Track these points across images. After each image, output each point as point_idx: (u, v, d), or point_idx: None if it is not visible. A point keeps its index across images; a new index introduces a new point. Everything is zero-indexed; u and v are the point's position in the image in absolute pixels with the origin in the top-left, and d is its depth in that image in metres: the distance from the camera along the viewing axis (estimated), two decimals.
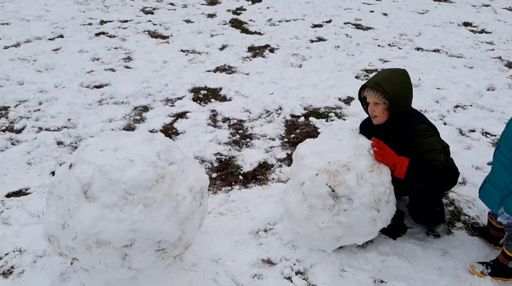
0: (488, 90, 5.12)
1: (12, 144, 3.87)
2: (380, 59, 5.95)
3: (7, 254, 2.69)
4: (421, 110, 4.59)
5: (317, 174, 2.47)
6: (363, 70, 5.60)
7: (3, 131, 4.06)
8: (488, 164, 2.55)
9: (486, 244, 2.80)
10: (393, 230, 2.93)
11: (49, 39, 6.30)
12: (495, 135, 4.14)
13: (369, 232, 2.56)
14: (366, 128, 2.89)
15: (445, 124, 4.36)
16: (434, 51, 6.36)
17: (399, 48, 6.41)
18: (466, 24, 7.63)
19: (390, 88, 2.54)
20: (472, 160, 3.70)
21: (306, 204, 2.52)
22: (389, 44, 6.55)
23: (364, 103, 2.77)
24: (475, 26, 7.53)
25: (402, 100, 2.58)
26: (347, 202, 2.43)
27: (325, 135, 2.73)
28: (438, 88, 5.11)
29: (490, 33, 7.20)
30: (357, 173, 2.43)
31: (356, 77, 5.38)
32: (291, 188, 2.67)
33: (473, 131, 4.23)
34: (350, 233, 2.53)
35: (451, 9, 8.43)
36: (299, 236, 2.72)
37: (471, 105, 4.74)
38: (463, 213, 3.11)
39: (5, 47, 5.91)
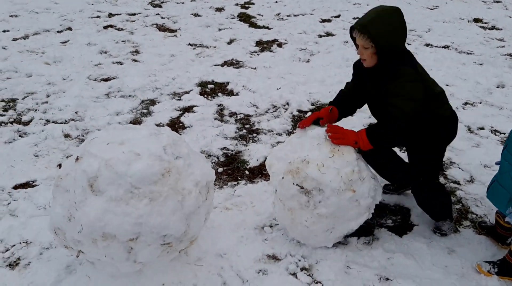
0: (498, 87, 5.07)
1: (20, 136, 3.89)
2: None
3: (13, 245, 2.71)
4: None
5: (283, 178, 2.51)
6: None
7: (11, 123, 4.08)
8: (496, 163, 2.52)
9: (493, 243, 2.78)
10: (399, 227, 2.92)
11: (58, 32, 6.31)
12: (504, 133, 4.10)
13: (358, 213, 2.55)
14: (358, 70, 2.79)
15: None
16: (444, 47, 6.30)
17: (408, 44, 6.35)
18: (476, 20, 7.55)
19: (377, 31, 2.37)
20: (481, 158, 3.67)
21: (286, 209, 2.55)
22: None
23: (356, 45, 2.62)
24: (485, 23, 7.45)
25: (391, 42, 2.41)
26: (319, 193, 2.43)
27: (289, 138, 2.78)
28: (447, 85, 5.06)
29: (501, 29, 7.12)
30: (317, 163, 2.44)
31: None
32: (274, 199, 2.71)
33: (482, 128, 4.19)
34: (338, 222, 2.53)
35: (461, 5, 8.34)
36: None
37: (480, 102, 4.69)
38: (471, 211, 3.08)
39: (14, 39, 5.93)
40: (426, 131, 2.56)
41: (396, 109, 2.38)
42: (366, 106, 2.87)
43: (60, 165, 3.44)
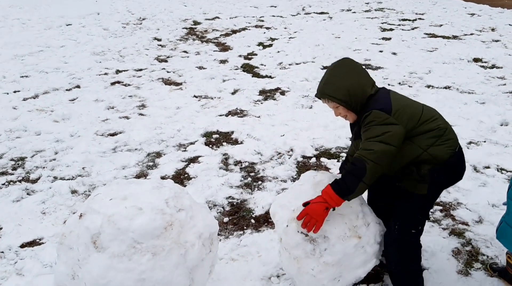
0: (501, 125, 5.08)
1: (28, 194, 3.94)
2: None
3: None
4: None
5: (287, 226, 2.49)
6: None
7: (19, 181, 4.15)
8: (504, 204, 2.50)
9: (506, 285, 2.70)
10: None
11: (66, 90, 6.50)
12: (510, 171, 4.07)
13: (364, 260, 2.50)
14: (352, 127, 2.69)
15: None
16: (445, 88, 6.37)
17: (409, 86, 6.44)
18: (476, 60, 7.66)
19: (334, 89, 2.36)
20: (488, 198, 3.63)
21: (292, 258, 2.51)
22: (399, 83, 6.58)
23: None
24: (485, 62, 7.55)
25: (353, 92, 2.34)
26: (324, 241, 2.41)
27: (292, 185, 2.77)
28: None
29: (501, 67, 7.20)
30: None
31: None
32: (280, 248, 2.68)
33: (488, 167, 4.16)
34: (345, 270, 2.48)
35: (460, 46, 8.49)
36: None
37: (484, 141, 4.69)
38: (481, 253, 3.02)
39: (24, 99, 6.12)
40: (411, 174, 2.38)
41: (362, 151, 2.25)
42: None
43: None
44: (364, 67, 2.42)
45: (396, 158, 2.31)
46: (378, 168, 2.23)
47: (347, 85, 2.35)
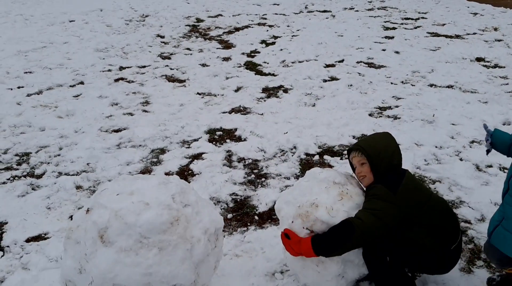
0: (503, 124, 5.09)
1: (33, 189, 3.97)
2: (393, 97, 5.99)
3: None
4: (436, 146, 4.58)
5: (292, 222, 2.51)
6: (376, 108, 5.64)
7: (24, 176, 4.17)
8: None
9: None
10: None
11: (70, 86, 6.52)
12: None
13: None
14: None
15: (461, 160, 4.33)
16: (448, 87, 6.39)
17: (412, 85, 6.45)
18: (479, 59, 7.67)
19: (369, 146, 2.59)
20: (491, 196, 3.65)
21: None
22: (402, 82, 6.60)
23: (353, 169, 2.75)
24: (488, 61, 7.56)
25: (381, 157, 2.55)
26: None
27: (298, 181, 2.81)
28: (453, 124, 5.10)
29: (504, 67, 7.21)
30: (326, 206, 2.45)
31: (370, 115, 5.42)
32: None
33: (490, 166, 4.18)
34: (349, 266, 2.50)
35: (463, 45, 8.50)
36: None
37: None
38: (483, 250, 3.04)
39: (28, 95, 6.14)
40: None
41: (355, 218, 2.35)
42: None
43: (71, 217, 3.48)
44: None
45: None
46: (363, 238, 2.35)
47: (380, 148, 2.58)
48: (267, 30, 9.95)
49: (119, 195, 2.35)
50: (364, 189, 2.64)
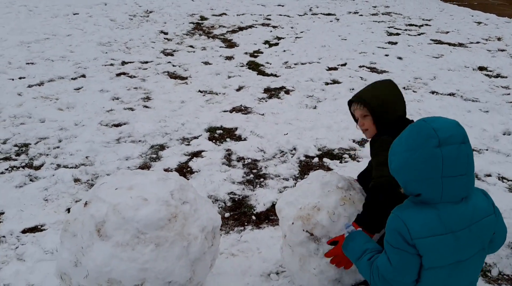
0: (504, 134, 5.10)
1: (31, 180, 3.96)
2: None
3: None
4: None
5: (292, 223, 2.49)
6: None
7: (23, 167, 4.16)
8: None
9: None
10: None
11: (72, 79, 6.51)
12: (511, 180, 4.09)
13: None
14: (363, 174, 2.81)
15: None
16: (449, 94, 6.39)
17: (413, 91, 6.46)
18: (481, 68, 7.68)
19: (371, 97, 2.45)
20: None
21: (295, 255, 2.52)
22: (404, 87, 6.60)
23: (355, 121, 2.67)
24: (490, 71, 7.57)
25: (386, 108, 2.42)
26: (327, 240, 2.42)
27: (300, 183, 2.78)
28: None
29: (506, 77, 7.23)
30: (328, 210, 2.43)
31: None
32: (283, 244, 2.69)
33: (489, 175, 4.19)
34: (347, 272, 2.48)
35: (466, 54, 8.51)
36: None
37: (486, 149, 4.71)
38: None
39: (29, 86, 6.12)
40: None
41: (381, 178, 2.24)
42: None
43: (68, 210, 3.48)
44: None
45: None
46: (392, 190, 2.20)
47: (383, 98, 2.44)
48: (271, 31, 9.96)
49: (118, 190, 2.35)
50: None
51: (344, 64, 7.67)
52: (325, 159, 4.44)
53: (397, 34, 10.05)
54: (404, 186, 1.75)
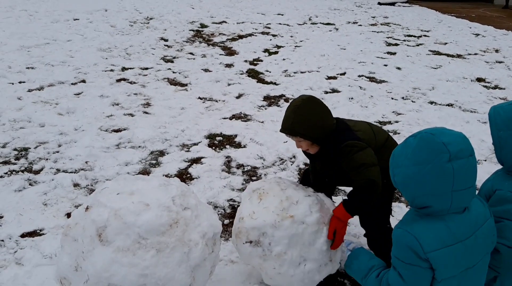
0: None
1: (30, 184, 3.95)
2: (393, 112, 6.02)
3: None
4: None
5: (237, 245, 2.64)
6: (376, 122, 5.66)
7: (22, 171, 4.15)
8: None
9: None
10: None
11: (72, 84, 6.52)
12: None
13: (314, 232, 2.54)
14: (307, 156, 2.87)
15: None
16: (448, 105, 6.43)
17: (412, 101, 6.49)
18: (479, 79, 7.73)
19: (300, 127, 2.48)
20: None
21: (259, 269, 2.63)
22: (403, 97, 6.64)
23: None
24: (488, 82, 7.62)
25: (318, 129, 2.50)
26: (265, 237, 2.50)
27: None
28: None
29: (504, 89, 7.27)
30: (248, 214, 2.57)
31: None
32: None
33: None
34: (304, 251, 2.52)
35: (464, 65, 8.57)
36: None
37: (485, 160, 4.73)
38: None
39: (29, 90, 6.13)
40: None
41: (365, 181, 2.44)
42: None
43: (68, 214, 3.47)
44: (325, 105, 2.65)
45: None
46: (380, 185, 2.46)
47: (314, 122, 2.49)
48: (271, 39, 10.01)
49: (120, 195, 2.35)
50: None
51: (343, 74, 7.71)
52: None
53: (396, 44, 10.12)
54: (411, 199, 1.73)
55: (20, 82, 6.42)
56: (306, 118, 2.48)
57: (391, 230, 2.68)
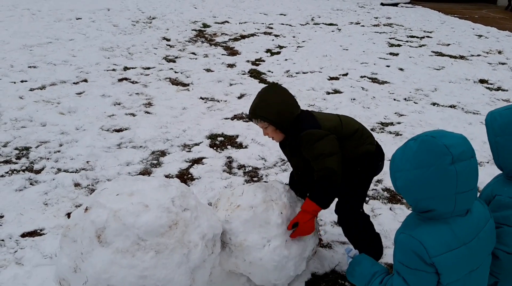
0: None
1: (31, 184, 3.95)
2: (395, 113, 6.01)
3: None
4: None
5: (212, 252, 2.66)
6: (378, 123, 5.64)
7: (23, 171, 4.15)
8: None
9: None
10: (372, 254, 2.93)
11: (74, 83, 6.52)
12: None
13: (265, 210, 2.61)
14: (281, 148, 2.92)
15: None
16: (450, 106, 6.40)
17: (415, 102, 6.47)
18: (482, 81, 7.70)
19: (267, 112, 2.57)
20: None
21: (236, 268, 2.68)
22: (405, 99, 6.61)
23: None
24: (491, 84, 7.59)
25: (282, 115, 2.57)
26: (224, 234, 2.59)
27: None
28: None
29: (507, 90, 7.24)
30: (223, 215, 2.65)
31: (372, 130, 5.42)
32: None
33: None
34: (264, 231, 2.57)
35: (467, 66, 8.54)
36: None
37: (487, 162, 4.71)
38: None
39: (31, 89, 6.13)
40: (348, 169, 2.63)
41: (324, 170, 2.51)
42: None
43: (68, 214, 3.47)
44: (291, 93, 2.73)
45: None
46: (340, 174, 2.53)
47: (276, 107, 2.57)
48: (273, 40, 9.99)
49: (119, 196, 2.34)
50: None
51: (346, 74, 7.69)
52: None
53: (399, 45, 10.09)
54: (414, 203, 1.71)
55: (22, 81, 6.43)
56: (268, 103, 2.58)
57: (363, 214, 2.85)
